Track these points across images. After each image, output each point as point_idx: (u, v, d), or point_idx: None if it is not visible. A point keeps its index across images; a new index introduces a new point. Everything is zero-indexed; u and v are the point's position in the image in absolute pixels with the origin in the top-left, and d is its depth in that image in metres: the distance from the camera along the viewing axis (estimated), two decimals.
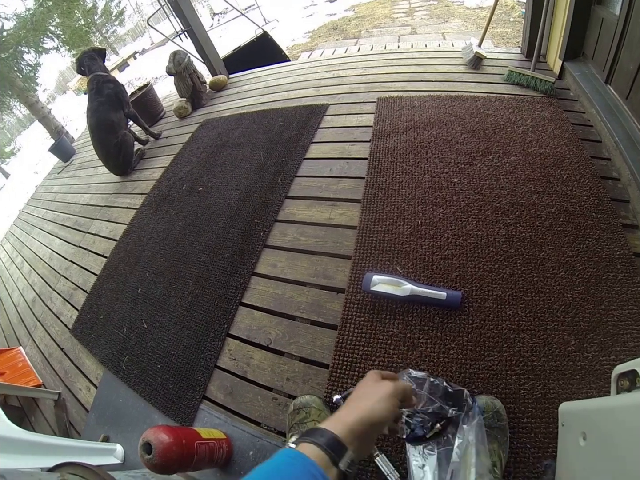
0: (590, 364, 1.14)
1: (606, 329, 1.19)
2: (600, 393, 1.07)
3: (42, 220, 3.97)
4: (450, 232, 1.58)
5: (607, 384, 1.01)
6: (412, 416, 1.09)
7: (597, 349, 1.16)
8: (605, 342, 1.17)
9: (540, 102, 2.15)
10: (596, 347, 1.16)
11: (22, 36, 6.47)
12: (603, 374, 1.11)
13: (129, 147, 3.32)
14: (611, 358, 1.13)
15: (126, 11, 15.54)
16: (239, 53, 4.72)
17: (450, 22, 6.72)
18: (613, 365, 0.86)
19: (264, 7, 8.11)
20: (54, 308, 2.56)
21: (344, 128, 2.47)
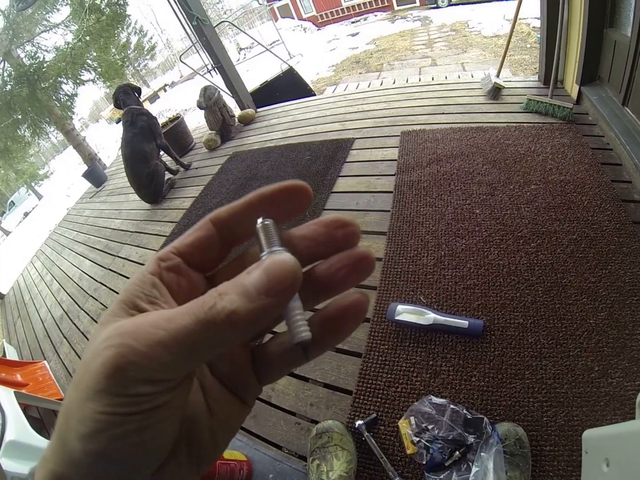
0: (614, 390, 1.12)
1: (631, 354, 1.18)
2: (625, 419, 1.05)
3: (73, 242, 4.11)
4: (473, 262, 1.60)
5: (632, 410, 1.00)
6: (432, 442, 1.10)
7: (621, 374, 1.14)
8: (630, 367, 1.15)
9: (559, 128, 2.18)
10: (620, 373, 1.15)
11: (61, 68, 6.86)
12: (628, 399, 1.09)
13: (160, 176, 3.46)
14: (636, 384, 1.11)
15: (157, 46, 16.32)
16: (266, 87, 4.89)
17: (468, 52, 6.84)
18: (638, 390, 0.85)
19: (288, 42, 8.41)
20: (81, 326, 2.63)
21: (369, 162, 2.53)
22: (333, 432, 1.18)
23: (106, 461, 0.18)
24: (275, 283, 0.18)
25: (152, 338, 0.17)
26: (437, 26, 9.65)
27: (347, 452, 1.13)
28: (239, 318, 0.18)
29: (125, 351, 0.17)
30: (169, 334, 0.17)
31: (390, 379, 1.34)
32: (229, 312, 0.18)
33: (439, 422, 1.13)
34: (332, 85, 7.12)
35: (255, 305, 0.18)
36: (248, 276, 0.19)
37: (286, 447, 1.33)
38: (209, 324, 0.18)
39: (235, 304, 0.18)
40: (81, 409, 0.17)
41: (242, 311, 0.18)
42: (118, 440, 0.17)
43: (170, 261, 0.23)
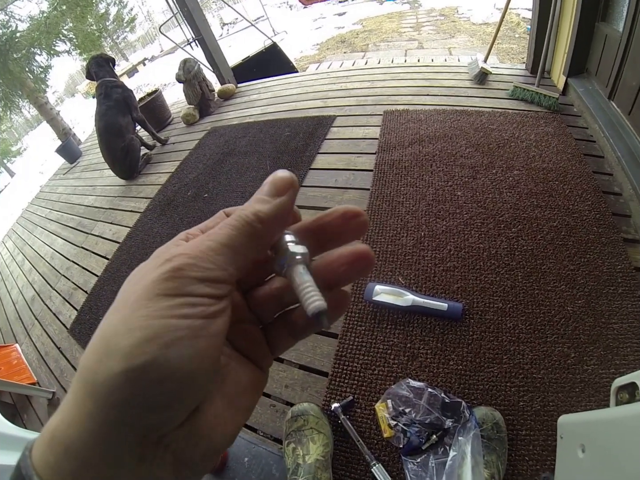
0: (589, 376, 1.14)
1: (606, 342, 1.20)
2: (599, 406, 1.08)
3: (46, 220, 3.99)
4: (453, 244, 1.59)
5: (607, 397, 1.01)
6: (410, 425, 1.09)
7: (596, 362, 1.17)
8: (605, 355, 1.17)
9: (544, 117, 2.17)
10: (596, 360, 1.17)
11: (35, 38, 6.54)
12: (602, 387, 1.11)
13: (136, 151, 3.36)
14: (611, 371, 1.14)
15: (137, 18, 15.73)
16: (247, 63, 4.78)
17: (456, 37, 6.79)
18: (613, 378, 0.86)
19: (273, 18, 8.21)
20: (52, 307, 2.56)
21: (350, 140, 2.50)
22: (309, 415, 1.16)
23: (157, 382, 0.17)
24: (280, 186, 0.23)
25: (202, 247, 0.20)
26: (426, 10, 9.53)
27: (323, 435, 1.12)
28: (263, 214, 0.22)
29: (182, 258, 0.19)
30: (215, 241, 0.21)
31: (367, 361, 1.33)
32: (255, 211, 0.22)
33: (417, 406, 1.12)
34: (316, 63, 6.99)
35: (271, 204, 0.23)
36: (259, 192, 0.24)
37: (261, 430, 1.31)
38: (242, 226, 0.21)
39: (257, 206, 0.22)
40: (128, 323, 0.17)
41: (264, 209, 0.22)
42: (173, 348, 0.17)
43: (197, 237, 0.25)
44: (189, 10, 3.82)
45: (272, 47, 4.90)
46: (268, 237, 0.23)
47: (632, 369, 1.11)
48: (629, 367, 1.13)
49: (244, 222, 0.21)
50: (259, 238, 0.22)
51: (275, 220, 0.23)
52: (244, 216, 0.22)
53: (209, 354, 0.19)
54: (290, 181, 0.24)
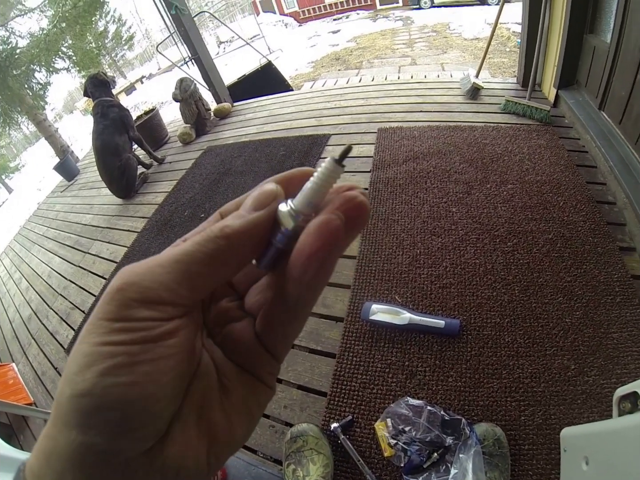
0: (591, 388, 1.13)
1: (606, 352, 1.20)
2: (602, 417, 1.07)
3: (43, 238, 3.97)
4: (449, 261, 1.60)
5: (609, 407, 1.00)
6: (410, 444, 1.08)
7: (597, 372, 1.16)
8: (606, 365, 1.17)
9: (536, 130, 2.20)
10: (597, 371, 1.16)
11: (34, 55, 6.60)
12: (604, 397, 1.10)
13: (133, 170, 3.37)
14: (612, 381, 1.13)
15: (136, 36, 15.94)
16: (243, 81, 4.83)
17: (448, 53, 6.91)
18: (614, 388, 0.85)
19: (268, 36, 8.35)
20: (49, 326, 2.54)
21: (345, 158, 2.49)
22: (308, 436, 1.15)
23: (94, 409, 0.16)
24: (261, 200, 0.21)
25: (151, 262, 0.18)
26: (419, 27, 9.72)
27: (323, 455, 1.11)
28: (231, 230, 0.19)
29: (125, 275, 0.18)
30: (168, 256, 0.18)
31: (366, 380, 1.32)
32: (222, 226, 0.19)
33: (416, 424, 1.11)
34: (311, 81, 7.08)
35: (245, 219, 0.20)
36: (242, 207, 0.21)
37: (261, 451, 1.30)
38: (204, 241, 0.19)
39: (227, 221, 0.20)
40: (78, 348, 0.17)
41: (233, 224, 0.19)
42: (108, 376, 0.16)
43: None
44: (186, 29, 3.89)
45: (268, 65, 4.96)
46: (235, 256, 0.20)
47: (633, 377, 1.11)
48: (631, 375, 1.13)
49: (207, 238, 0.19)
50: (223, 257, 0.19)
51: (245, 237, 0.19)
52: (209, 231, 0.19)
53: (155, 379, 0.17)
54: (273, 194, 0.21)
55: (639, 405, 0.75)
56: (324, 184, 0.20)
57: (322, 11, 16.65)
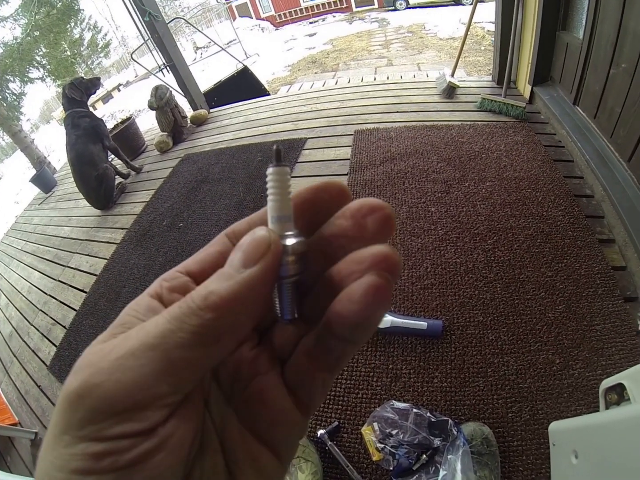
0: (577, 381, 1.14)
1: (590, 345, 1.21)
2: (589, 409, 1.08)
3: (22, 252, 3.88)
4: (429, 261, 1.59)
5: (596, 399, 1.02)
6: (398, 447, 1.07)
7: (582, 365, 1.17)
8: (591, 357, 1.18)
9: (512, 127, 2.23)
10: (582, 364, 1.17)
11: (8, 65, 6.51)
12: (591, 389, 1.11)
13: (110, 180, 3.31)
14: (597, 373, 1.14)
15: (112, 43, 15.74)
16: (219, 87, 4.81)
17: (424, 53, 6.98)
18: (600, 379, 0.86)
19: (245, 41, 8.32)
20: (31, 343, 2.47)
21: (321, 162, 2.51)
22: None
23: None
24: (251, 252, 0.16)
25: (118, 351, 0.14)
26: (394, 28, 9.81)
27: (311, 463, 1.10)
28: (218, 298, 0.15)
29: (86, 373, 0.14)
30: (139, 340, 0.14)
31: (350, 384, 1.31)
32: (206, 293, 0.15)
33: (403, 427, 1.10)
34: (287, 85, 7.07)
35: (233, 281, 0.15)
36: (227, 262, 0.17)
37: None
38: (184, 316, 0.15)
39: (212, 286, 0.15)
40: (40, 464, 0.14)
41: (221, 289, 0.15)
42: None
43: (175, 280, 0.19)
44: (160, 36, 3.84)
45: (244, 70, 4.95)
46: (228, 330, 0.15)
47: (618, 368, 1.12)
48: (615, 366, 1.14)
49: (187, 311, 0.15)
50: (212, 334, 0.15)
51: (237, 304, 0.15)
52: (189, 301, 0.15)
53: None
54: (266, 244, 0.16)
55: (625, 396, 0.75)
56: (283, 192, 0.19)
57: (298, 15, 16.73)
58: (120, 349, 0.14)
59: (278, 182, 0.19)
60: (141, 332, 0.15)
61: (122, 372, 0.14)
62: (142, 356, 0.14)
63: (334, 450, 1.15)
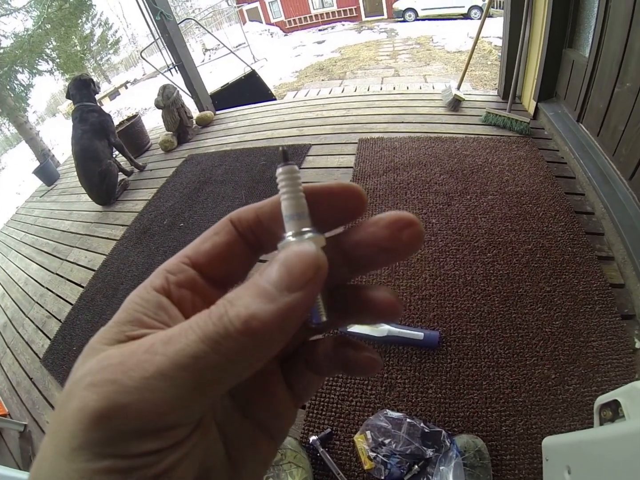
0: (572, 396, 1.14)
1: (586, 361, 1.21)
2: (583, 425, 1.07)
3: (21, 243, 3.86)
4: (428, 272, 1.60)
5: (590, 415, 1.02)
6: (390, 457, 1.07)
7: (578, 381, 1.17)
8: (586, 373, 1.18)
9: (516, 141, 2.24)
10: (577, 379, 1.17)
11: (17, 56, 6.51)
12: (585, 405, 1.11)
13: (113, 176, 3.31)
14: (593, 389, 1.14)
15: (122, 41, 15.81)
16: (226, 90, 4.83)
17: (431, 65, 7.02)
18: (595, 396, 0.86)
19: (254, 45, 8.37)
20: (25, 335, 2.46)
21: (325, 169, 2.52)
22: (286, 449, 1.13)
23: None
24: (298, 275, 0.15)
25: (147, 368, 0.13)
26: (403, 39, 9.88)
27: (302, 469, 1.10)
28: (259, 324, 0.14)
29: (110, 391, 0.13)
30: (169, 359, 0.13)
31: (344, 392, 1.30)
32: (246, 317, 0.14)
33: (396, 436, 1.10)
34: (294, 91, 7.11)
35: (277, 304, 0.14)
36: (262, 275, 0.16)
37: None
38: (221, 338, 0.13)
39: (252, 307, 0.14)
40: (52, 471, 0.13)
41: (263, 314, 0.14)
42: None
43: (182, 274, 0.18)
44: (170, 36, 3.88)
45: (251, 74, 4.97)
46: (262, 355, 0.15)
47: (614, 385, 1.12)
48: (611, 383, 1.14)
49: (224, 333, 0.14)
50: (247, 358, 0.14)
51: (276, 329, 0.14)
52: (227, 323, 0.14)
53: None
54: (314, 267, 0.15)
55: (620, 413, 0.75)
56: (295, 189, 0.19)
57: (308, 21, 16.84)
58: (147, 366, 0.13)
59: (289, 180, 0.19)
60: (169, 349, 0.14)
61: (152, 393, 0.13)
62: (173, 376, 0.13)
63: (326, 457, 1.14)
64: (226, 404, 0.19)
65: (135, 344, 0.15)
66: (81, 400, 0.13)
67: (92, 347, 0.15)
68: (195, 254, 0.19)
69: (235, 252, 0.19)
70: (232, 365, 0.14)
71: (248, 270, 0.21)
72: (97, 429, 0.13)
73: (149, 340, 0.14)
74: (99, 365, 0.14)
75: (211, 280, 0.19)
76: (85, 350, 0.16)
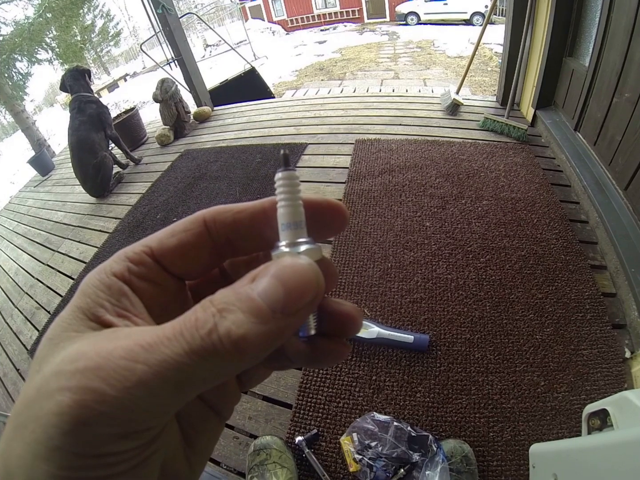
0: (560, 404, 1.14)
1: (576, 369, 1.21)
2: (571, 433, 1.07)
3: (12, 233, 3.82)
4: (420, 275, 1.59)
5: (578, 423, 1.02)
6: (376, 460, 1.06)
7: (567, 389, 1.17)
8: (575, 381, 1.18)
9: (513, 148, 2.24)
10: (566, 387, 1.17)
11: (17, 43, 6.45)
12: (574, 413, 1.11)
13: (108, 169, 3.28)
14: (582, 397, 1.14)
15: (122, 33, 15.74)
16: (225, 86, 4.82)
17: (431, 69, 7.05)
18: (584, 404, 0.86)
19: (255, 43, 8.35)
20: (13, 326, 2.43)
21: (320, 168, 2.51)
22: (272, 449, 1.12)
23: None
24: (295, 298, 0.14)
25: (128, 377, 0.13)
26: (404, 42, 9.92)
27: (286, 469, 1.09)
28: (248, 345, 0.14)
29: (89, 399, 0.13)
30: (152, 371, 0.13)
31: (332, 393, 1.29)
32: (237, 338, 0.13)
33: (383, 439, 1.09)
34: (293, 90, 7.10)
35: (269, 327, 0.14)
36: (256, 285, 0.15)
37: (224, 463, 1.25)
38: (207, 354, 0.13)
39: (244, 327, 0.14)
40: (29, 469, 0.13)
41: (253, 337, 0.14)
42: None
43: (144, 266, 0.18)
44: (171, 29, 3.86)
45: (251, 71, 4.96)
46: (242, 368, 0.15)
47: (603, 394, 1.12)
48: (600, 392, 1.14)
49: (210, 348, 0.13)
50: (228, 372, 0.14)
51: (263, 349, 0.14)
52: (215, 339, 0.13)
53: None
54: (313, 291, 0.15)
55: (608, 422, 0.75)
56: (294, 197, 0.18)
57: (310, 21, 16.87)
58: (129, 376, 0.13)
59: (289, 186, 0.18)
60: (151, 359, 0.13)
61: (133, 402, 0.13)
62: (155, 387, 0.13)
63: (311, 458, 1.13)
64: None
65: (109, 343, 0.14)
66: (58, 405, 0.13)
67: (57, 335, 0.15)
68: (159, 247, 0.19)
69: (201, 253, 0.19)
70: (213, 377, 0.14)
71: (211, 271, 0.21)
72: (75, 434, 0.13)
73: (126, 342, 0.14)
74: (72, 366, 0.13)
75: (170, 271, 0.19)
76: (49, 337, 0.15)
